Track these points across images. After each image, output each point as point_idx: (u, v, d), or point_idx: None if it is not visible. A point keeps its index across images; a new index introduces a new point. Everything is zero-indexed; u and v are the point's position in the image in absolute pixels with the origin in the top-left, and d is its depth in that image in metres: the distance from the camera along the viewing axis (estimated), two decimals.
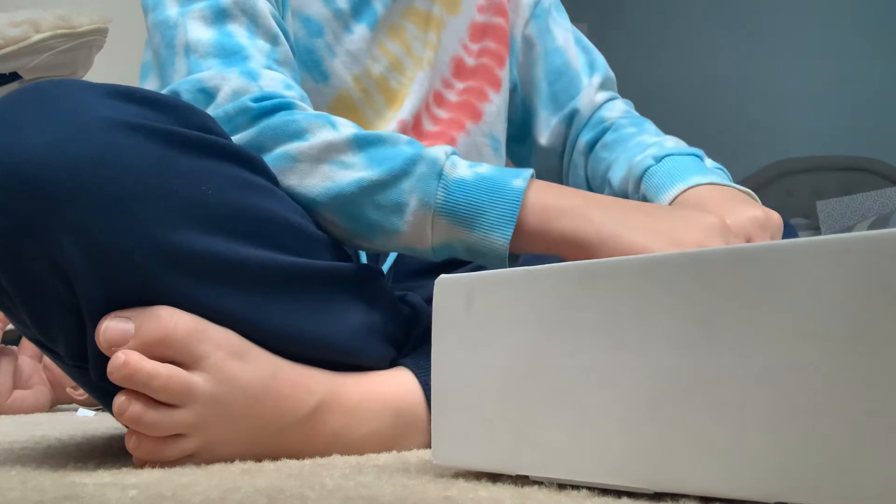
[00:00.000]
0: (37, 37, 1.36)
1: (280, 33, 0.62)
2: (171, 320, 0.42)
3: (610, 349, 0.32)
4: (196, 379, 0.43)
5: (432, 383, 0.39)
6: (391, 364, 0.56)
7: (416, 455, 0.49)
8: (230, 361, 0.44)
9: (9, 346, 1.37)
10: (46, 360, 1.34)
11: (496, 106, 0.83)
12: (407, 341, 0.58)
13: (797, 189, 3.12)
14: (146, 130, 0.43)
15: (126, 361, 0.41)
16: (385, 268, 0.74)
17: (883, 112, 3.18)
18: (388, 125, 0.74)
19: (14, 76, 1.44)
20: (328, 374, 0.50)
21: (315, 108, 0.68)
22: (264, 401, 0.46)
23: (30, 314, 0.45)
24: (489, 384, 0.36)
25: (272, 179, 0.51)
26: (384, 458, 0.47)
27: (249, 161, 0.49)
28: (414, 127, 0.76)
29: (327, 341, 0.50)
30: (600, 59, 0.89)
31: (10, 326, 1.33)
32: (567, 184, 0.86)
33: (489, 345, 0.36)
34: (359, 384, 0.51)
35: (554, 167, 0.87)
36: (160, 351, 0.42)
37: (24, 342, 1.38)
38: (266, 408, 0.46)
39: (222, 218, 0.45)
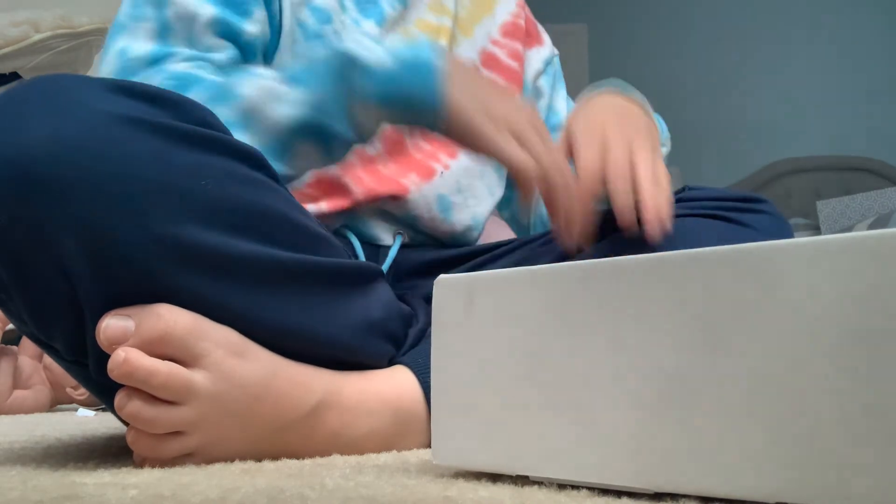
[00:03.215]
0: (37, 37, 1.36)
1: (222, 43, 0.66)
2: (171, 318, 0.42)
3: (610, 349, 0.32)
4: (196, 376, 0.43)
5: (432, 383, 0.39)
6: (390, 363, 0.56)
7: (416, 455, 0.49)
8: (230, 359, 0.44)
9: (9, 346, 1.37)
10: (46, 360, 1.34)
11: None
12: (405, 339, 0.58)
13: (797, 189, 3.12)
14: (146, 125, 0.43)
15: (126, 359, 0.41)
16: (385, 267, 0.74)
17: (883, 112, 3.18)
18: None
19: (14, 76, 1.44)
20: (328, 372, 0.50)
21: None
22: (264, 399, 0.46)
23: (28, 309, 0.45)
24: (489, 384, 0.36)
25: (272, 176, 0.52)
26: (384, 458, 0.47)
27: (249, 156, 0.49)
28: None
29: (326, 338, 0.50)
30: None
31: (10, 326, 1.33)
32: (531, 217, 0.94)
33: (489, 345, 0.36)
34: (358, 383, 0.51)
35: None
36: (160, 349, 0.42)
37: (24, 342, 1.38)
38: (266, 406, 0.46)
39: (222, 213, 0.45)
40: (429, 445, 0.54)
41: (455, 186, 0.80)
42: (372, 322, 0.54)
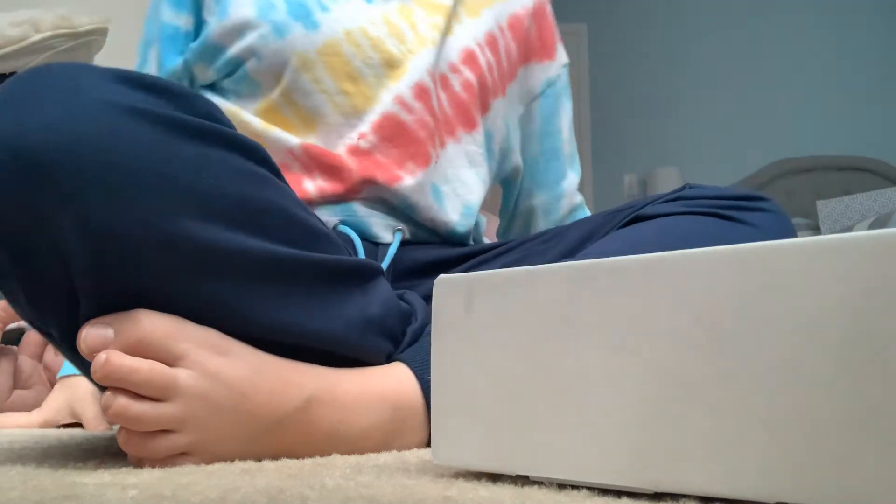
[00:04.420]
0: (37, 37, 1.36)
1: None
2: (149, 322, 0.42)
3: (610, 349, 0.32)
4: (179, 373, 0.43)
5: (432, 384, 0.39)
6: (387, 360, 0.56)
7: (416, 455, 0.49)
8: (213, 358, 0.44)
9: (9, 346, 1.37)
10: (46, 359, 1.34)
11: (490, 122, 0.88)
12: (404, 337, 0.58)
13: (797, 189, 3.12)
14: (149, 116, 0.43)
15: (107, 359, 0.41)
16: (384, 264, 0.75)
17: (883, 112, 3.18)
18: (387, 93, 0.78)
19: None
20: (320, 368, 0.50)
21: (300, 51, 0.77)
22: (252, 396, 0.45)
23: (26, 294, 0.45)
24: (489, 384, 0.36)
25: (274, 171, 0.52)
26: (384, 457, 0.47)
27: (252, 151, 0.49)
28: (419, 96, 0.79)
29: (323, 334, 0.50)
30: (576, 155, 1.02)
31: (11, 326, 1.33)
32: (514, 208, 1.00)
33: (489, 345, 0.36)
34: (355, 379, 0.51)
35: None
36: (140, 352, 0.42)
37: (24, 342, 1.38)
38: (255, 403, 0.45)
39: (221, 206, 0.45)
40: (427, 443, 0.54)
41: (443, 177, 0.82)
42: (370, 319, 0.54)
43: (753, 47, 3.40)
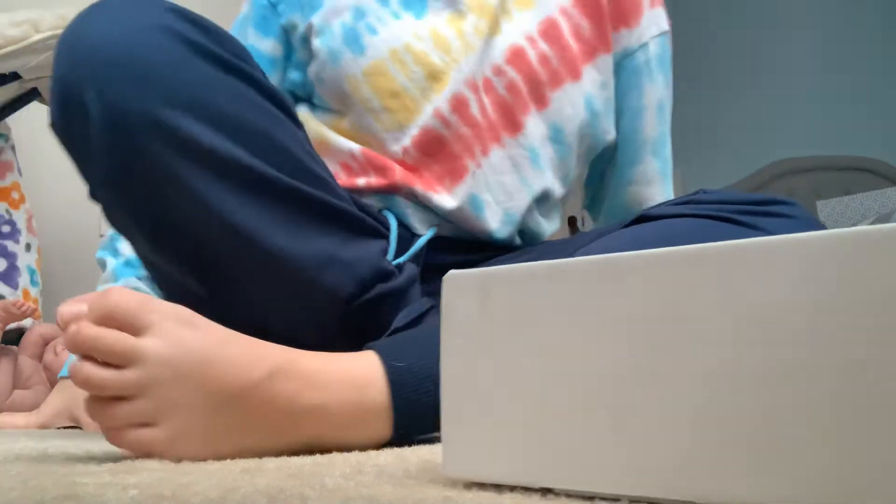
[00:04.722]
0: (37, 37, 1.36)
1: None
2: (120, 296, 0.45)
3: (644, 348, 0.29)
4: (144, 341, 0.45)
5: (441, 388, 0.36)
6: (362, 348, 0.55)
7: (417, 455, 0.49)
8: (180, 328, 0.46)
9: (9, 346, 1.37)
10: (46, 359, 1.34)
11: (554, 114, 0.85)
12: (371, 290, 0.64)
13: (797, 189, 3.12)
14: (183, 38, 0.56)
15: (76, 329, 0.44)
16: (411, 252, 0.75)
17: (883, 112, 3.18)
18: (429, 105, 0.79)
19: (14, 76, 1.44)
20: (284, 347, 0.50)
21: (349, 75, 0.81)
22: (216, 365, 0.46)
23: (67, 138, 0.58)
24: (506, 388, 0.33)
25: (295, 121, 0.62)
26: (384, 458, 0.47)
27: (271, 93, 0.60)
28: (455, 108, 0.80)
29: (283, 250, 0.58)
30: (668, 144, 0.96)
31: (10, 326, 1.33)
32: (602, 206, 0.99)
33: (506, 345, 0.34)
34: (319, 358, 0.51)
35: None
36: (110, 324, 0.45)
37: (25, 342, 1.38)
38: (218, 371, 0.46)
39: (219, 117, 0.55)
40: (392, 436, 0.53)
41: (485, 185, 0.81)
42: (337, 259, 0.61)
43: (753, 47, 3.40)
